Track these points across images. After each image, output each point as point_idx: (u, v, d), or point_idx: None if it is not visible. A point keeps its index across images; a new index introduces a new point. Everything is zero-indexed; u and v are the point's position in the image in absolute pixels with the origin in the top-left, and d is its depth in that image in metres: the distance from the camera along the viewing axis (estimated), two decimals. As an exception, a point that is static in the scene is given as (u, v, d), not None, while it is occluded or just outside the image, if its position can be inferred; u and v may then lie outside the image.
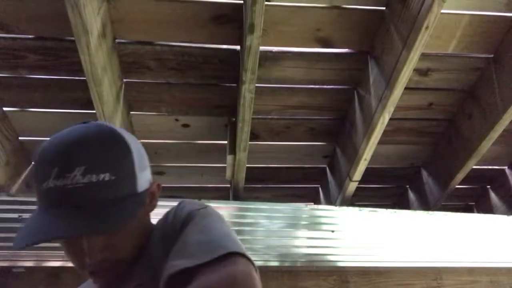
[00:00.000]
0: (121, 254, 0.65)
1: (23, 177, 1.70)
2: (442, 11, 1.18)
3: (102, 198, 0.58)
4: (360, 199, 2.10)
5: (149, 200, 0.72)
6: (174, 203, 0.75)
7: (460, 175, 1.77)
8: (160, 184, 0.76)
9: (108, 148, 0.61)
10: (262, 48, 1.35)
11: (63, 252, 0.65)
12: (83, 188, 0.57)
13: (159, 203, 0.75)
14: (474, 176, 1.94)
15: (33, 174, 0.61)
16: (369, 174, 1.84)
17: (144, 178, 0.67)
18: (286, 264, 1.66)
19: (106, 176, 0.58)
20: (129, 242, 0.66)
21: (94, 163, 0.58)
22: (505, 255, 1.79)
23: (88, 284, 0.77)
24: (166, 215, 0.73)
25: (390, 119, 1.49)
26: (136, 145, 0.68)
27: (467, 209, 2.23)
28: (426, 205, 1.97)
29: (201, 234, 0.61)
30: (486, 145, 1.62)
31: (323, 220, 1.68)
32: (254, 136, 1.74)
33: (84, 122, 0.68)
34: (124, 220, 0.59)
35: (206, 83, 1.56)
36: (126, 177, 0.62)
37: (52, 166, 0.58)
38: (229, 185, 1.91)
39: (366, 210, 1.73)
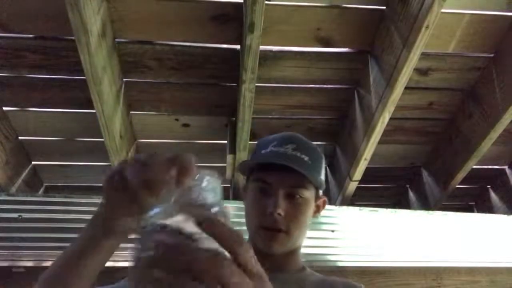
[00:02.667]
0: (291, 228, 0.80)
1: (22, 176, 1.70)
2: (442, 10, 1.18)
3: (302, 168, 0.81)
4: (360, 198, 2.10)
5: (315, 208, 0.89)
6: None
7: (460, 175, 1.77)
8: (326, 201, 0.93)
9: (312, 147, 0.90)
10: (262, 47, 1.34)
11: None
12: (291, 156, 0.83)
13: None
14: (474, 176, 1.94)
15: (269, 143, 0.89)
16: (369, 174, 1.84)
17: (321, 184, 0.88)
18: (286, 264, 1.65)
19: (305, 158, 0.84)
20: (300, 225, 0.82)
21: (301, 147, 0.86)
22: (505, 255, 1.79)
23: None
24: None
25: (390, 118, 1.49)
26: (325, 162, 0.93)
27: (467, 208, 2.23)
28: (426, 204, 1.97)
29: None
30: (487, 145, 1.62)
31: (323, 220, 1.67)
32: (254, 136, 1.73)
33: None
34: (321, 183, 0.86)
35: (206, 83, 1.56)
36: (317, 167, 0.87)
37: (278, 142, 0.87)
38: (229, 185, 1.91)
39: (366, 210, 1.73)
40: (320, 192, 0.90)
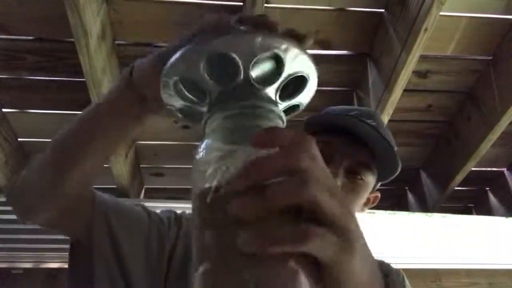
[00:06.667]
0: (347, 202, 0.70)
1: (22, 178, 1.69)
2: (441, 13, 1.18)
3: (382, 145, 0.71)
4: (359, 200, 2.10)
5: (366, 200, 0.75)
6: (173, 205, 0.75)
7: (459, 177, 1.77)
8: (378, 198, 0.80)
9: (390, 132, 0.79)
10: (261, 49, 1.35)
11: (61, 253, 0.65)
12: (371, 128, 0.69)
13: (158, 204, 0.75)
14: (473, 178, 1.94)
15: None
16: (368, 176, 1.84)
17: (390, 174, 0.76)
18: (285, 265, 1.65)
19: (388, 138, 0.72)
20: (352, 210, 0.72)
21: (381, 125, 0.75)
22: (504, 256, 1.79)
23: None
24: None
25: (389, 121, 1.49)
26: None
27: (466, 211, 2.23)
28: (425, 206, 1.97)
29: None
30: (485, 147, 1.62)
31: (322, 221, 1.67)
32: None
33: None
34: (392, 172, 0.73)
35: (205, 85, 1.56)
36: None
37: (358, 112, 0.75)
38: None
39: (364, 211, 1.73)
40: (378, 184, 0.76)
